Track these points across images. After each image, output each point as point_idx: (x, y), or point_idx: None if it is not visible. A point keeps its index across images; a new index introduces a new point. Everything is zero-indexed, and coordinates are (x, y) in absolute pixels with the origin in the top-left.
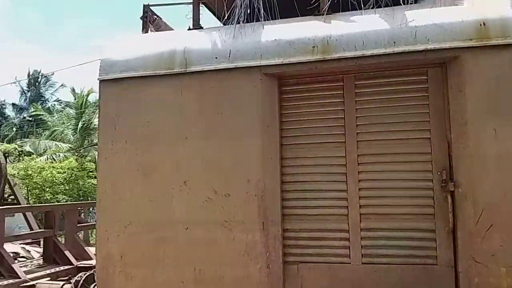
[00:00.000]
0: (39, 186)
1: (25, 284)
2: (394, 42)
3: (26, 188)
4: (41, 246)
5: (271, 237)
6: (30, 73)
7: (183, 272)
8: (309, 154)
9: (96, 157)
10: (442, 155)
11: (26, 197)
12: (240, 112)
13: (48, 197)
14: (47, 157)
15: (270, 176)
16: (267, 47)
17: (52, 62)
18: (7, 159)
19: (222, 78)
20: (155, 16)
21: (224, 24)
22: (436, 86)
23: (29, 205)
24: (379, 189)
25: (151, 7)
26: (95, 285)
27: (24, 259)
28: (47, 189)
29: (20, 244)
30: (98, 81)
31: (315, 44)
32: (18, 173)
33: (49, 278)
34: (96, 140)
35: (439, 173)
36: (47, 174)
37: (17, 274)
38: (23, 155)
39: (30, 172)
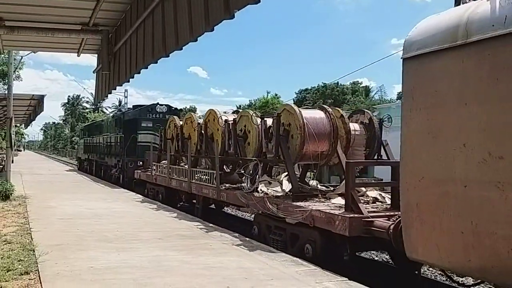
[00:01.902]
0: None
1: (365, 220)
2: None
3: None
4: None
5: None
6: None
7: (462, 223)
8: None
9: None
10: None
11: None
12: None
13: None
14: None
15: None
16: None
17: None
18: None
19: (497, 45)
20: None
21: None
22: None
23: (378, 160)
24: None
25: None
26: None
27: (380, 203)
28: None
29: (380, 191)
30: (401, 59)
31: None
32: None
33: (386, 218)
34: None
35: None
36: None
37: (361, 211)
38: None
39: None
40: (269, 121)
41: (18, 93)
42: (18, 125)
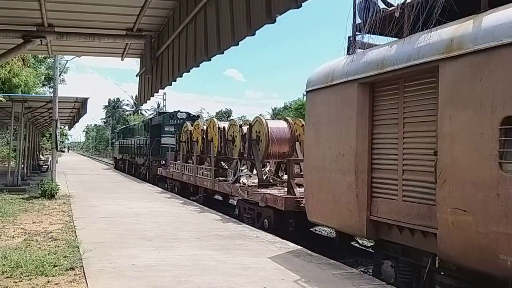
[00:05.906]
0: None
1: (296, 199)
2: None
3: None
4: None
5: (360, 180)
6: None
7: (328, 196)
8: (382, 130)
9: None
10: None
11: None
12: (348, 107)
13: None
14: None
15: (360, 143)
16: (360, 67)
17: None
18: None
19: (343, 87)
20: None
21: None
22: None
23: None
24: (414, 154)
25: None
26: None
27: None
28: None
29: None
30: (305, 92)
31: (378, 63)
32: None
33: None
34: None
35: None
36: None
37: (295, 194)
38: None
39: None
40: (246, 129)
41: (63, 96)
42: (62, 126)
